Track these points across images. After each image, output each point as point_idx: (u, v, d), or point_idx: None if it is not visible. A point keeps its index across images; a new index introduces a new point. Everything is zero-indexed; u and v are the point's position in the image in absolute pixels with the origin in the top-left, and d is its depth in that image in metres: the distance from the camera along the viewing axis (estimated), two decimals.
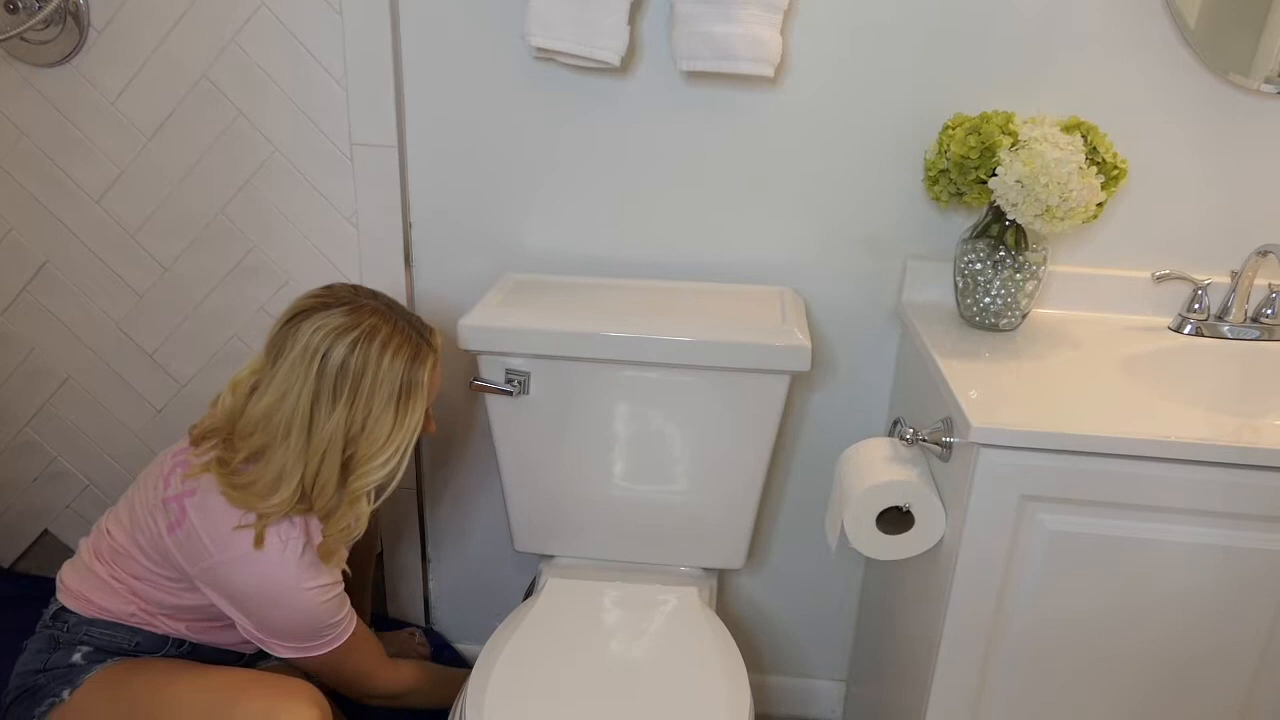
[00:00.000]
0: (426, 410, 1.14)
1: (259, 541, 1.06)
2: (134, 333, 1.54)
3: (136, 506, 1.14)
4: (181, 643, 1.18)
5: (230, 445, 1.10)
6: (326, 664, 1.16)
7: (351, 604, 1.50)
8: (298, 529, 1.09)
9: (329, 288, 1.11)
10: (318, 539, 1.11)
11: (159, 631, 1.16)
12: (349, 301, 1.08)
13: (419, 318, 1.14)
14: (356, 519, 1.12)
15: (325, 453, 1.06)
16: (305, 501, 1.09)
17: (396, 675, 1.26)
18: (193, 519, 1.08)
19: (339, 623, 1.14)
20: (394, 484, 1.13)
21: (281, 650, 1.13)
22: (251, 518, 1.07)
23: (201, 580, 1.10)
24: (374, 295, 1.12)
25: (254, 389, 1.09)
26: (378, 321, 1.07)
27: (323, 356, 1.04)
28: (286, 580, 1.08)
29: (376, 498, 1.16)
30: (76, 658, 1.13)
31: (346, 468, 1.09)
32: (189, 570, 1.10)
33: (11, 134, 1.42)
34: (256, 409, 1.07)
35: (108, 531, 1.17)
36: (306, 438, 1.06)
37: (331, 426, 1.05)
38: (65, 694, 1.10)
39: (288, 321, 1.07)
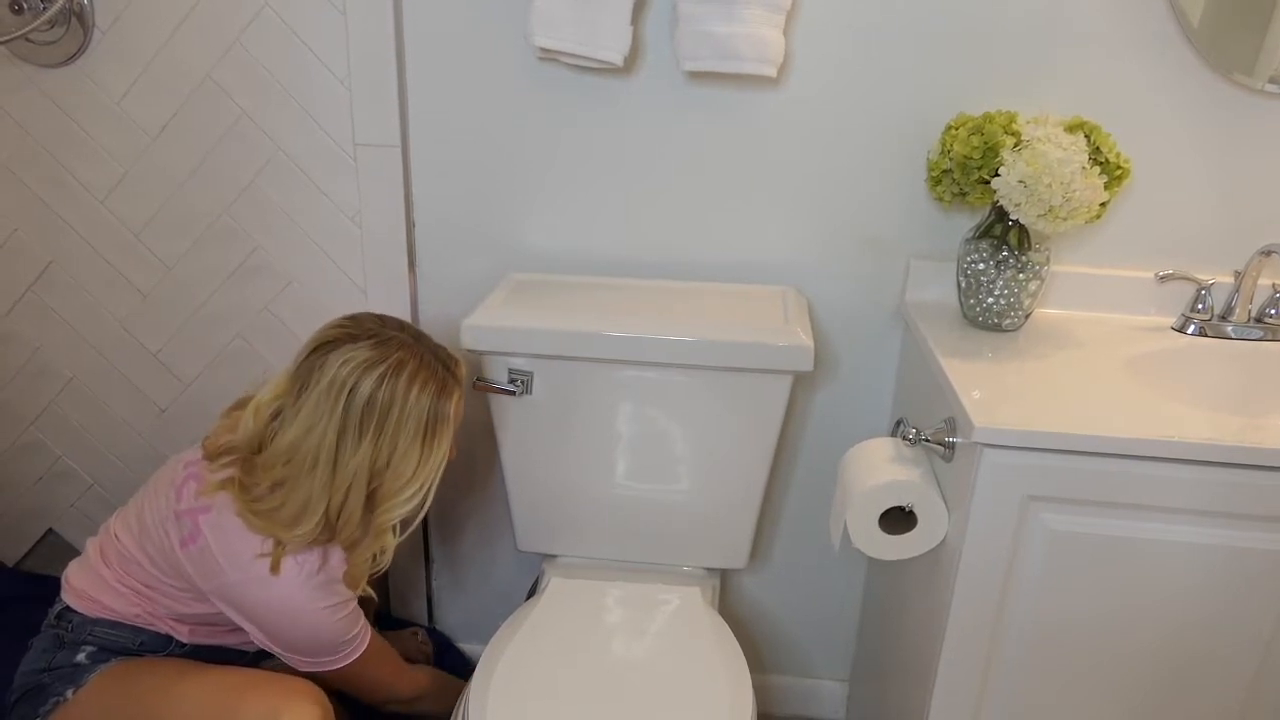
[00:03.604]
0: None
1: (275, 568, 1.07)
2: (138, 332, 1.54)
3: (146, 514, 1.14)
4: (185, 644, 1.18)
5: (251, 469, 1.09)
6: (343, 675, 1.17)
7: None
8: (314, 554, 1.09)
9: (354, 318, 1.10)
10: (335, 562, 1.11)
11: (163, 632, 1.16)
12: (375, 334, 1.07)
13: (444, 348, 1.13)
14: (382, 551, 1.13)
15: (350, 486, 1.06)
16: (329, 532, 1.09)
17: (412, 682, 1.28)
18: (208, 537, 1.08)
19: (354, 639, 1.14)
20: (420, 517, 1.13)
21: (297, 663, 1.13)
22: (269, 544, 1.07)
23: (215, 596, 1.10)
24: (401, 326, 1.11)
25: (275, 414, 1.09)
26: (405, 355, 1.07)
27: (350, 391, 1.04)
28: (300, 601, 1.08)
29: (402, 531, 1.15)
30: (81, 657, 1.13)
31: (372, 500, 1.09)
32: (201, 586, 1.10)
33: (16, 134, 1.43)
34: (282, 441, 1.06)
35: (116, 536, 1.17)
36: (332, 471, 1.05)
37: (357, 461, 1.05)
38: (69, 693, 1.10)
39: (313, 352, 1.07)
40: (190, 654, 1.19)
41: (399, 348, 1.07)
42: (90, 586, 1.16)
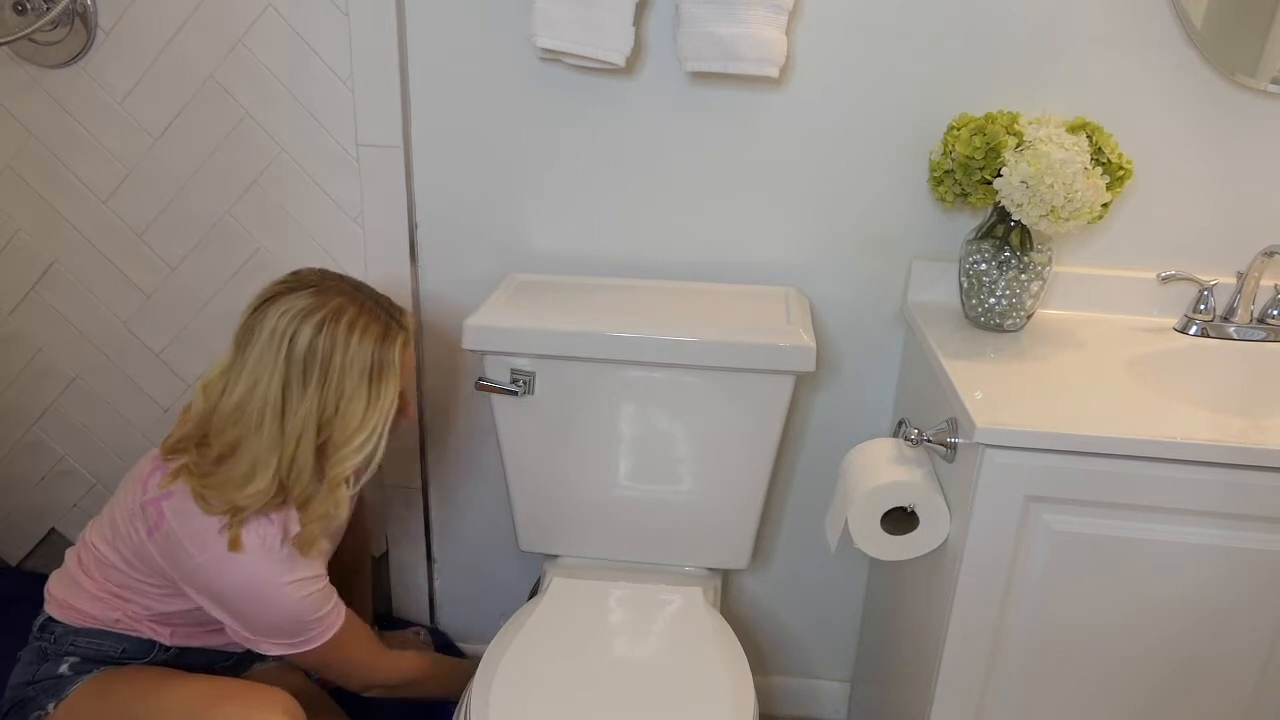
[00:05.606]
0: (401, 393, 1.12)
1: (235, 544, 1.05)
2: (141, 332, 1.54)
3: (117, 515, 1.14)
4: (168, 648, 1.18)
5: (204, 447, 1.08)
6: (319, 659, 1.15)
7: (352, 607, 1.50)
8: (275, 525, 1.08)
9: (295, 273, 1.10)
10: (296, 530, 1.09)
11: (145, 636, 1.16)
12: (314, 284, 1.07)
13: (388, 298, 1.13)
14: (336, 505, 1.10)
15: (300, 439, 1.05)
16: (282, 493, 1.07)
17: (394, 666, 1.25)
18: (171, 522, 1.07)
19: (325, 616, 1.12)
20: (373, 467, 1.11)
21: (271, 648, 1.11)
22: (226, 520, 1.05)
23: (185, 583, 1.09)
24: (341, 278, 1.10)
25: (224, 390, 1.07)
26: (344, 302, 1.06)
27: (290, 340, 1.03)
28: (267, 576, 1.06)
29: (356, 482, 1.13)
30: (64, 669, 1.13)
31: (322, 453, 1.07)
32: (171, 573, 1.09)
33: (19, 135, 1.43)
34: (229, 402, 1.05)
35: (92, 544, 1.16)
36: (280, 425, 1.04)
37: (304, 411, 1.04)
38: (50, 707, 1.10)
39: (254, 310, 1.06)
40: (175, 658, 1.18)
41: (338, 295, 1.06)
42: (70, 596, 1.15)
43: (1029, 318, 1.28)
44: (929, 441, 1.11)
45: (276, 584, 1.07)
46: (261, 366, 1.04)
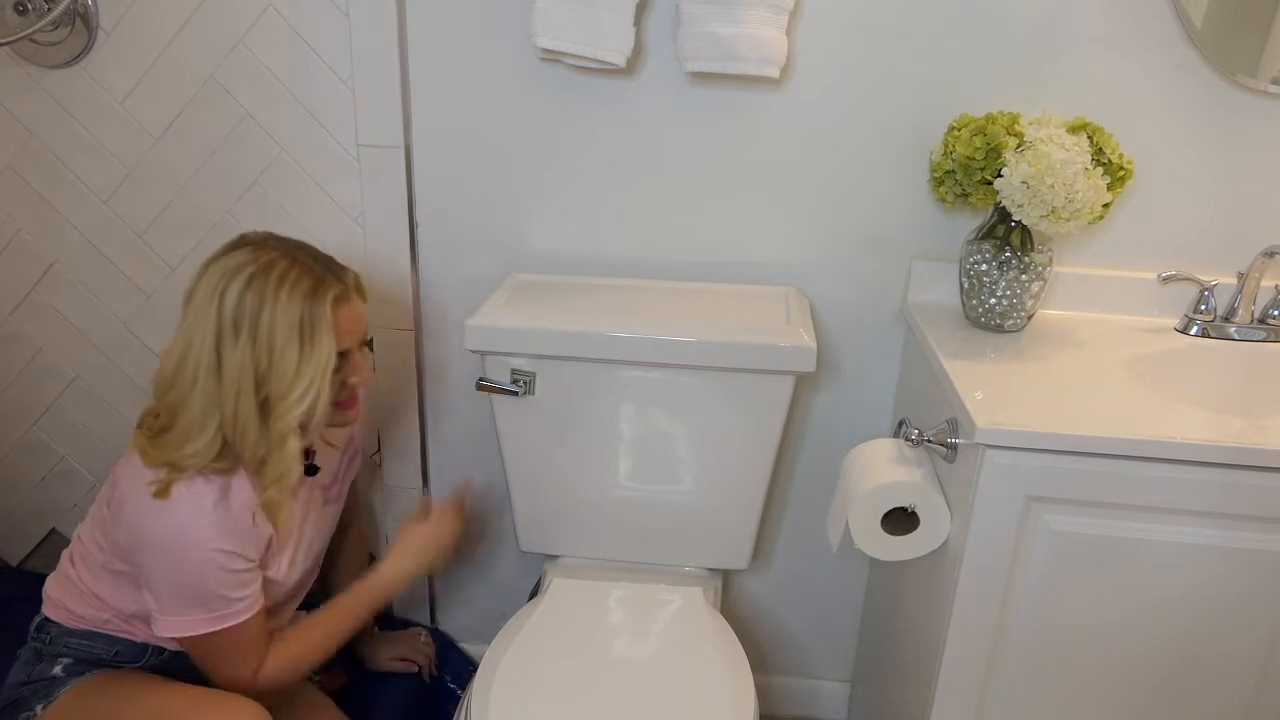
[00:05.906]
0: (351, 355, 1.11)
1: (162, 493, 1.02)
2: (141, 332, 1.54)
3: (99, 505, 1.14)
4: (161, 650, 1.17)
5: (157, 416, 1.08)
6: (212, 647, 1.09)
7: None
8: (212, 485, 1.05)
9: (242, 235, 1.10)
10: (241, 497, 1.07)
11: (138, 639, 1.15)
12: (254, 244, 1.07)
13: (331, 257, 1.12)
14: (290, 461, 1.08)
15: (238, 394, 1.04)
16: (228, 457, 1.06)
17: (268, 682, 1.15)
18: (122, 484, 1.07)
19: (238, 600, 1.08)
20: (318, 421, 1.09)
21: (172, 626, 1.07)
22: (163, 474, 1.04)
23: (125, 539, 1.06)
24: (284, 239, 1.10)
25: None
26: (276, 257, 1.05)
27: (221, 296, 1.03)
28: (192, 532, 1.03)
29: (304, 434, 1.10)
30: (57, 670, 1.13)
31: (265, 410, 1.06)
32: (119, 539, 1.07)
33: (20, 135, 1.43)
34: (170, 365, 1.06)
35: (79, 538, 1.16)
36: (216, 379, 1.04)
37: (238, 365, 1.03)
38: (38, 709, 1.10)
39: (197, 275, 1.07)
40: (168, 662, 1.17)
41: (273, 251, 1.06)
42: (64, 595, 1.15)
43: (1029, 318, 1.28)
44: (929, 442, 1.11)
45: (201, 544, 1.03)
46: (196, 324, 1.04)
